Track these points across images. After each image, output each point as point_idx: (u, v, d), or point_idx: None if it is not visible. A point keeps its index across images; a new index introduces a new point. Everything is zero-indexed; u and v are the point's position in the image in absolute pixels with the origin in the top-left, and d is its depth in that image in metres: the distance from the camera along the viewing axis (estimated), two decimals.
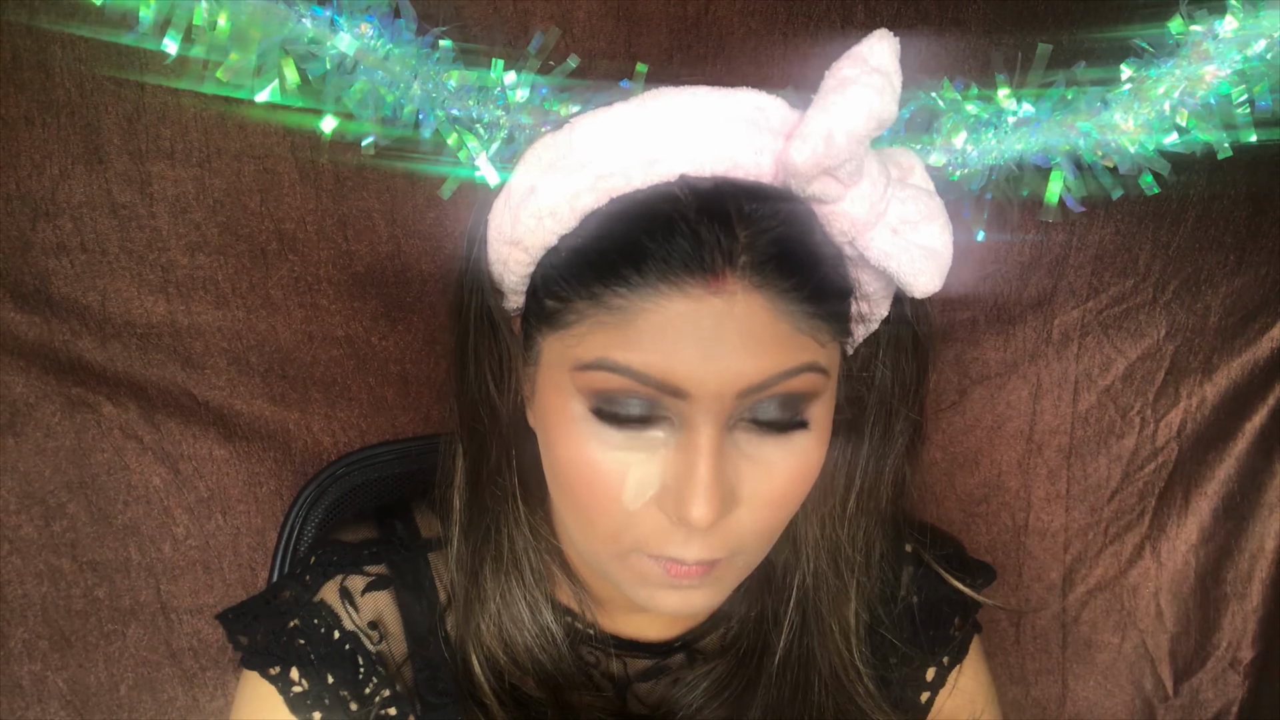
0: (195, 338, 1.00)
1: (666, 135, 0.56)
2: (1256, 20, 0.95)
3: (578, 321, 0.56)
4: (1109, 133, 1.00)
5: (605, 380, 0.55)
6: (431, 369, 1.07)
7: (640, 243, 0.54)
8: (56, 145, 0.92)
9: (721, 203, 0.54)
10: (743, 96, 0.58)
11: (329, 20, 0.84)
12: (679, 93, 0.57)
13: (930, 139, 1.01)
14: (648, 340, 0.54)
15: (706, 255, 0.53)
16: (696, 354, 0.54)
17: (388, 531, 0.74)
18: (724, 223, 0.54)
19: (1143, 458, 1.20)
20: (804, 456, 0.59)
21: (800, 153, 0.53)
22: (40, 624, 1.03)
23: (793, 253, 0.55)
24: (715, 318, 0.54)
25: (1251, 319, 1.16)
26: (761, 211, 0.55)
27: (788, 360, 0.55)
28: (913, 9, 1.01)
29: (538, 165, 0.58)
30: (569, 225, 0.57)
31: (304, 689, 0.67)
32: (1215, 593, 1.24)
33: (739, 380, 0.54)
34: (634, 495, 0.57)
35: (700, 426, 0.55)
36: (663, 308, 0.54)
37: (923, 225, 0.58)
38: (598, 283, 0.55)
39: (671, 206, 0.54)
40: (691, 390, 0.54)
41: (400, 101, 0.89)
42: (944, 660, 0.80)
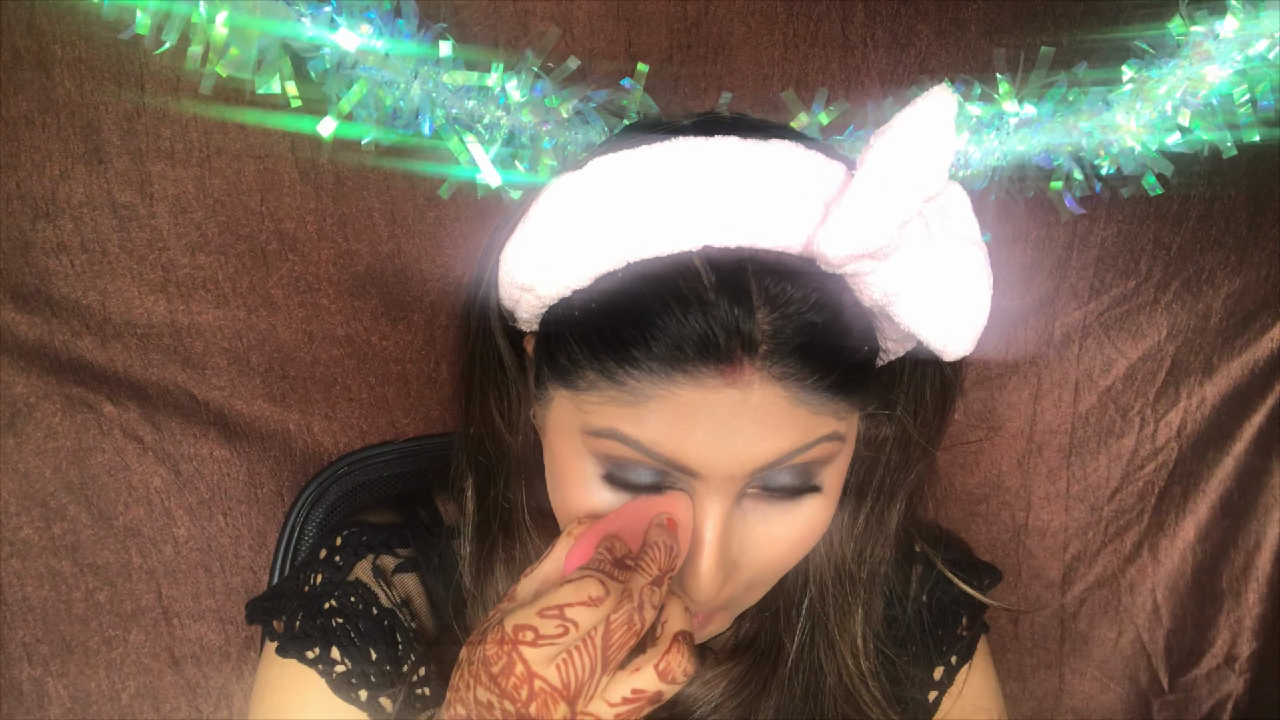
0: (196, 337, 1.00)
1: (689, 198, 0.52)
2: (1257, 20, 0.95)
3: (589, 389, 0.54)
4: (1111, 133, 1.00)
5: (616, 449, 0.54)
6: (432, 369, 1.07)
7: (653, 321, 0.51)
8: (57, 145, 0.92)
9: (743, 281, 0.51)
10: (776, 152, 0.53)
11: (329, 19, 0.84)
12: (706, 144, 0.53)
13: None
14: (658, 422, 0.52)
15: (723, 342, 0.50)
16: (709, 440, 0.52)
17: (411, 516, 0.74)
18: (744, 305, 0.50)
19: (1142, 457, 1.20)
20: (810, 521, 0.58)
21: (834, 247, 0.49)
22: (40, 628, 1.03)
23: (818, 341, 0.52)
24: (730, 407, 0.51)
25: (1252, 319, 1.16)
26: (788, 294, 0.51)
27: (805, 438, 0.53)
28: (912, 9, 1.01)
29: (554, 210, 0.55)
30: (583, 281, 0.54)
31: (347, 668, 0.66)
32: (1212, 590, 1.25)
33: (752, 462, 0.53)
34: None
35: (709, 505, 0.55)
36: (675, 394, 0.51)
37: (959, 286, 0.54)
38: (609, 358, 0.52)
39: (688, 282, 0.51)
40: (702, 472, 0.53)
41: (400, 101, 0.88)
42: (952, 660, 0.80)
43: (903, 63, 1.03)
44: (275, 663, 0.67)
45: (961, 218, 0.56)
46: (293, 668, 0.66)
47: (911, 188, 0.48)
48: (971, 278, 0.54)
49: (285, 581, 0.72)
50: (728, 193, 0.52)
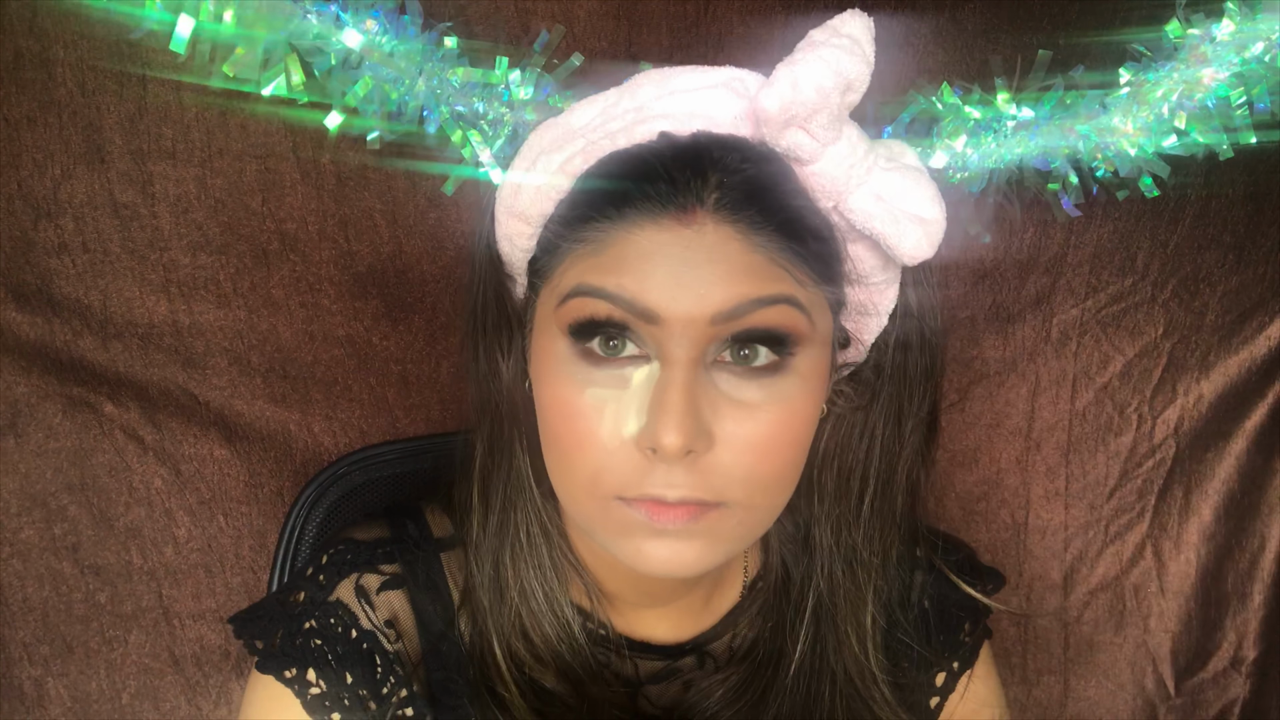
0: (196, 337, 1.00)
1: (649, 101, 0.62)
2: (1254, 23, 0.96)
3: (560, 261, 0.60)
4: (1108, 135, 1.00)
5: (582, 305, 0.58)
6: (432, 369, 1.07)
7: (620, 186, 0.58)
8: (58, 145, 0.92)
9: (696, 150, 0.59)
10: (721, 70, 0.63)
11: (334, 16, 0.84)
12: (662, 69, 0.64)
13: (930, 142, 1.01)
14: (622, 265, 0.57)
15: (679, 194, 0.57)
16: (668, 278, 0.56)
17: (399, 530, 0.74)
18: (696, 166, 0.58)
19: (1140, 454, 1.21)
20: (787, 403, 0.59)
21: (768, 98, 0.56)
22: (41, 628, 1.02)
23: (763, 190, 0.59)
24: (686, 247, 0.57)
25: (1249, 317, 1.16)
26: (733, 157, 0.59)
27: (760, 288, 0.57)
28: (910, 10, 1.02)
29: (539, 144, 0.64)
30: (564, 189, 0.61)
31: (321, 690, 0.66)
32: (1216, 592, 1.25)
33: (709, 306, 0.56)
34: (610, 431, 0.58)
35: (674, 356, 0.56)
36: (636, 236, 0.57)
37: (910, 194, 0.60)
38: (580, 221, 0.59)
39: (651, 156, 0.59)
40: (663, 314, 0.56)
41: (405, 98, 0.89)
42: (954, 665, 0.81)
43: (900, 64, 1.03)
44: (258, 679, 0.68)
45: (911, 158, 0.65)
46: (271, 685, 0.67)
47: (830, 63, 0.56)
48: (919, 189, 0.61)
49: (271, 597, 0.73)
50: (682, 93, 0.62)
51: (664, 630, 0.75)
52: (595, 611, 0.72)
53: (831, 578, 0.72)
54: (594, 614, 0.72)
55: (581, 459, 0.59)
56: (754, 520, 0.62)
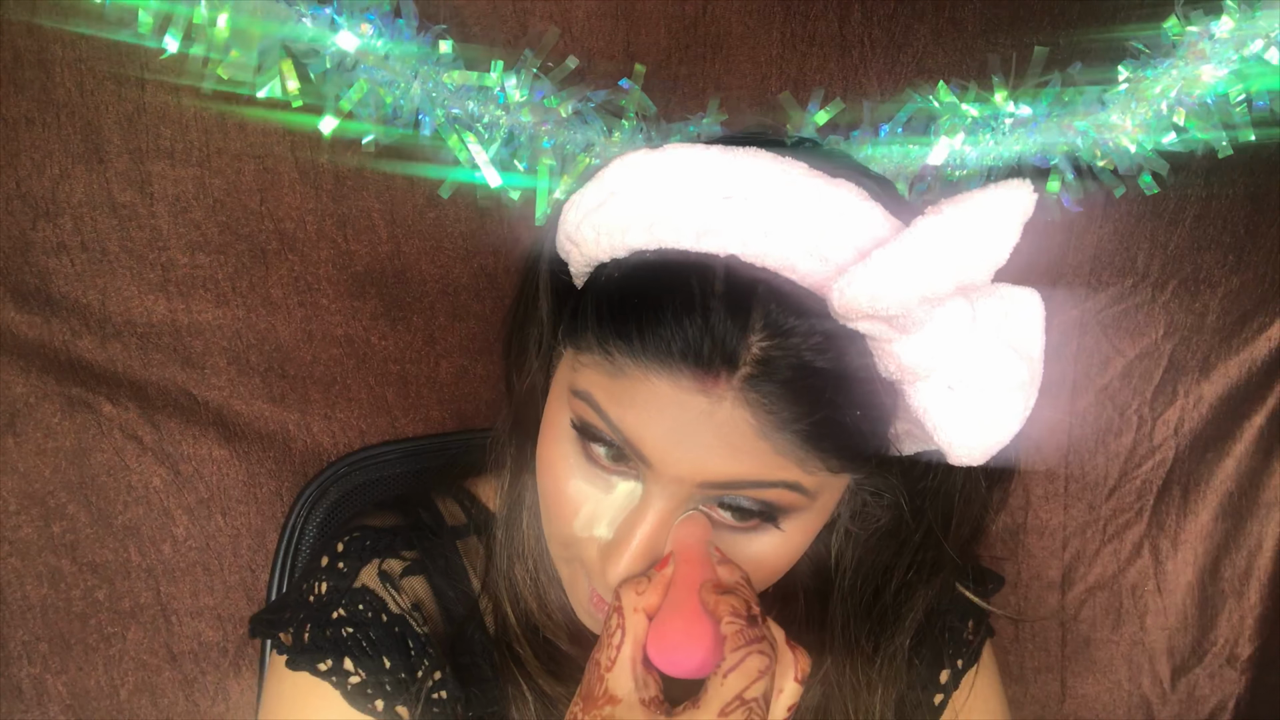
0: (195, 337, 1.00)
1: (735, 205, 0.51)
2: (1253, 20, 0.95)
3: (585, 350, 0.56)
4: (1107, 132, 1.00)
5: (588, 414, 0.56)
6: (431, 369, 1.07)
7: (655, 307, 0.52)
8: (57, 145, 0.92)
9: (749, 298, 0.51)
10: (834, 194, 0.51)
11: (329, 19, 0.84)
12: (774, 163, 0.52)
13: (928, 140, 1.01)
14: (629, 402, 0.53)
15: (706, 351, 0.50)
16: (668, 436, 0.52)
17: (414, 518, 0.73)
18: (739, 320, 0.50)
19: (1140, 455, 1.20)
20: (761, 559, 0.58)
21: (840, 297, 0.48)
22: (40, 626, 1.02)
23: (804, 383, 0.51)
24: (697, 413, 0.51)
25: (1249, 318, 1.16)
26: (790, 325, 0.51)
27: (762, 473, 0.53)
28: (909, 9, 1.02)
29: (619, 178, 0.56)
30: (619, 252, 0.56)
31: (362, 678, 0.65)
32: (1213, 590, 1.25)
33: (701, 474, 0.53)
34: (582, 525, 0.58)
35: (654, 497, 0.55)
36: (650, 382, 0.52)
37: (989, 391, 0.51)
38: (608, 330, 0.54)
39: (702, 283, 0.51)
40: (654, 465, 0.54)
41: (400, 101, 0.89)
42: (958, 664, 0.80)
43: (900, 63, 1.03)
44: (286, 676, 0.66)
45: (1023, 328, 0.54)
46: (305, 680, 0.65)
47: (948, 268, 0.46)
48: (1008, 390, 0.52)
49: (289, 592, 0.72)
50: (771, 212, 0.51)
51: None
52: None
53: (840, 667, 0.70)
54: None
55: (555, 527, 0.60)
56: None
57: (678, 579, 0.53)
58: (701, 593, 0.52)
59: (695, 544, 0.55)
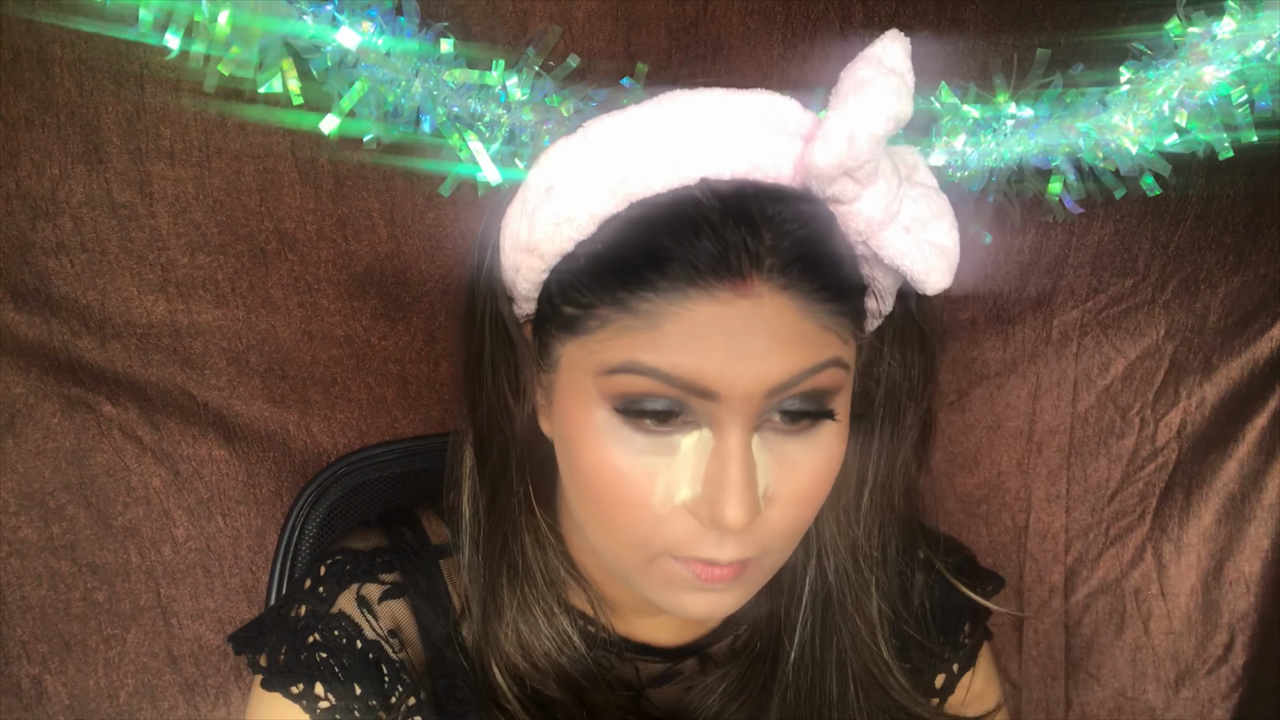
0: (195, 337, 1.00)
1: (685, 138, 0.55)
2: (1255, 22, 0.95)
3: (600, 327, 0.55)
4: (1108, 133, 1.00)
5: (633, 383, 0.55)
6: (431, 369, 1.07)
7: (664, 246, 0.53)
8: (56, 145, 0.92)
9: (745, 205, 0.54)
10: (759, 99, 0.57)
11: (330, 17, 0.84)
12: (695, 95, 0.57)
13: (930, 141, 1.01)
14: (676, 343, 0.53)
15: (733, 259, 0.53)
16: (725, 356, 0.53)
17: (396, 539, 0.73)
18: (749, 225, 0.53)
19: (1143, 458, 1.20)
20: (827, 452, 0.59)
21: (823, 155, 0.53)
22: (39, 627, 1.02)
23: (816, 253, 0.55)
24: (743, 320, 0.53)
25: (1251, 319, 1.16)
26: (784, 213, 0.54)
27: (814, 357, 0.55)
28: (910, 9, 1.02)
29: (553, 170, 0.57)
30: (587, 231, 0.56)
31: (331, 704, 0.65)
32: (1216, 593, 1.24)
33: (767, 380, 0.54)
34: (663, 499, 0.56)
35: (729, 428, 0.55)
36: (690, 310, 0.53)
37: (933, 223, 0.59)
38: (621, 288, 0.54)
39: (694, 210, 0.54)
40: (721, 391, 0.54)
41: (401, 99, 0.89)
42: (954, 667, 0.80)
43: None
44: (263, 697, 0.67)
45: (921, 170, 0.62)
46: (278, 701, 0.66)
47: (882, 108, 0.52)
48: (942, 217, 0.59)
49: (269, 612, 0.72)
50: (720, 130, 0.55)
51: (666, 634, 0.74)
52: (597, 616, 0.72)
53: (838, 570, 0.71)
54: (595, 619, 0.72)
55: (629, 522, 0.58)
56: (783, 559, 0.64)
57: None
58: None
59: None
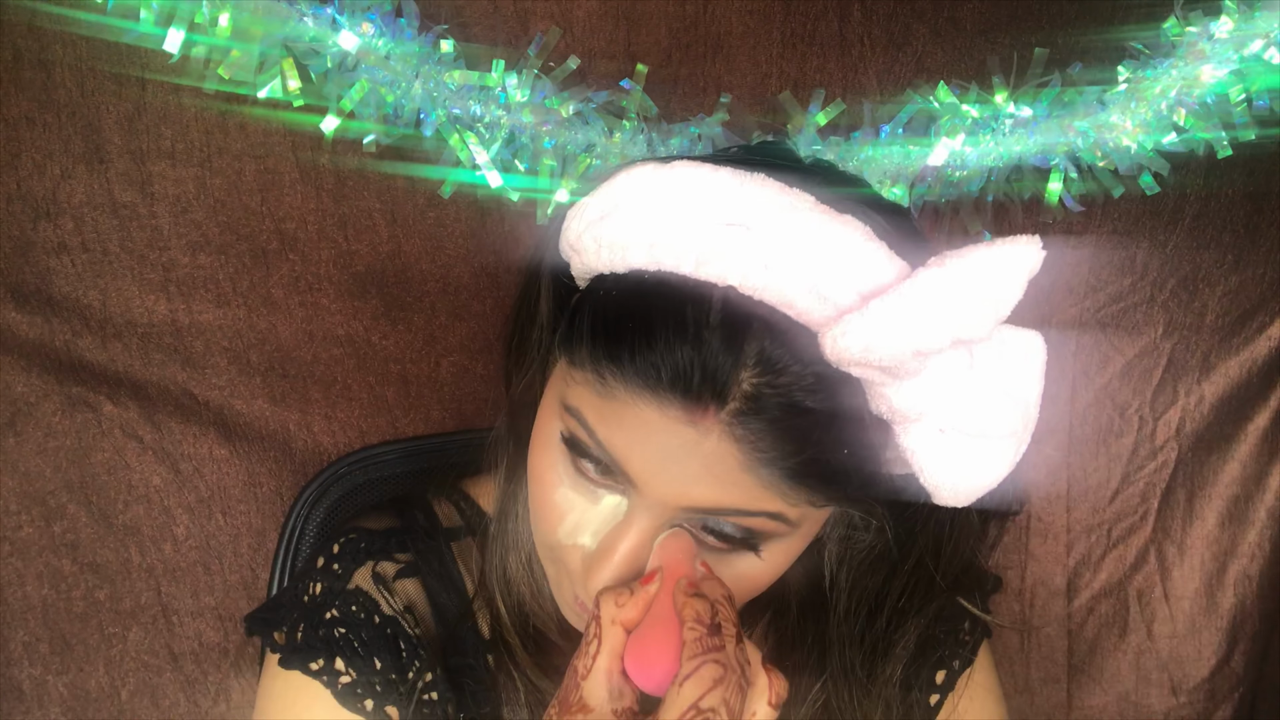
0: (196, 337, 1.00)
1: (737, 235, 0.50)
2: (1252, 21, 0.95)
3: (579, 367, 0.56)
4: (1107, 132, 1.00)
5: (577, 430, 0.56)
6: (432, 369, 1.07)
7: (649, 333, 0.51)
8: (57, 145, 0.92)
9: (744, 331, 0.50)
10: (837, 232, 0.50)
11: (330, 19, 0.84)
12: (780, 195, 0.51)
13: (928, 141, 1.01)
14: (616, 424, 0.53)
15: (696, 382, 0.50)
16: (654, 461, 0.53)
17: (409, 521, 0.74)
18: (732, 354, 0.50)
19: (1142, 457, 1.20)
20: (739, 579, 0.58)
21: (832, 345, 0.48)
22: (40, 626, 1.02)
23: (793, 423, 0.51)
24: (681, 441, 0.52)
25: (1249, 318, 1.16)
26: (784, 363, 0.50)
27: (746, 503, 0.54)
28: (909, 9, 1.02)
29: (625, 190, 0.55)
30: (619, 267, 0.55)
31: (353, 678, 0.66)
32: (1219, 595, 1.23)
33: (685, 499, 0.54)
34: (567, 533, 0.59)
35: (638, 514, 0.56)
36: (638, 408, 0.52)
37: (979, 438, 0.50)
38: (601, 350, 0.53)
39: (698, 312, 0.51)
40: (639, 487, 0.55)
41: (401, 101, 0.89)
42: (954, 664, 0.80)
43: (899, 62, 1.03)
44: (279, 675, 0.67)
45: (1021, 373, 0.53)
46: (296, 679, 0.66)
47: (946, 323, 0.46)
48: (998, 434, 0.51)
49: (284, 592, 0.72)
50: (773, 246, 0.50)
51: None
52: None
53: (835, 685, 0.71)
54: None
55: (541, 529, 0.61)
56: None
57: (661, 595, 0.53)
58: (675, 592, 0.52)
59: (682, 558, 0.55)
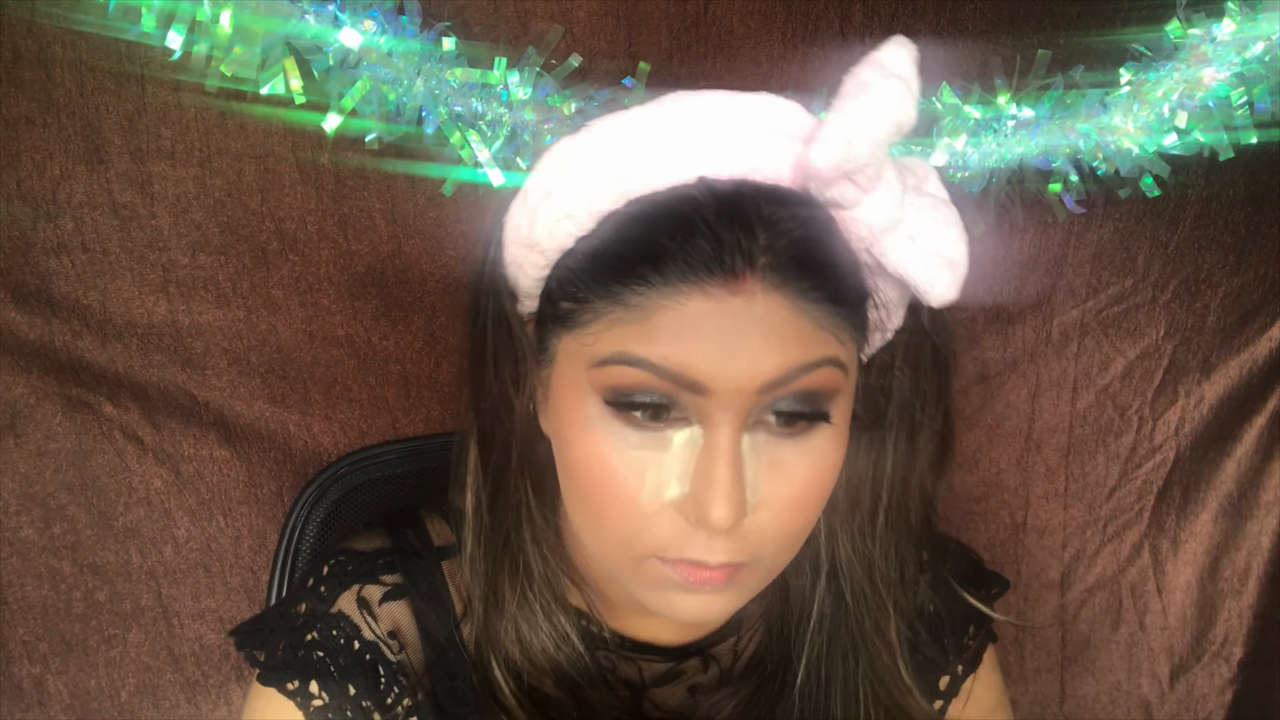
0: (196, 338, 1.00)
1: (684, 138, 0.55)
2: (1254, 23, 0.96)
3: (594, 319, 0.56)
4: (1108, 135, 1.00)
5: (623, 375, 0.55)
6: (432, 369, 1.07)
7: (660, 243, 0.53)
8: (57, 145, 0.92)
9: (741, 205, 0.54)
10: (761, 101, 0.57)
11: (332, 16, 0.84)
12: (696, 96, 0.57)
13: (930, 142, 1.01)
14: (667, 335, 0.53)
15: (727, 257, 0.53)
16: (716, 350, 0.53)
17: (399, 540, 0.73)
18: (744, 224, 0.54)
19: (1140, 456, 1.21)
20: (821, 457, 0.58)
21: (822, 156, 0.53)
22: (40, 627, 1.02)
23: (812, 254, 0.55)
24: (735, 316, 0.53)
25: (1250, 319, 1.16)
26: (780, 214, 0.55)
27: (808, 354, 0.55)
28: (910, 10, 1.02)
29: (555, 168, 0.58)
30: (586, 228, 0.57)
31: (325, 702, 0.66)
32: (1212, 590, 1.25)
33: (759, 376, 0.54)
34: (651, 496, 0.56)
35: (719, 425, 0.55)
36: (682, 305, 0.53)
37: (940, 233, 0.58)
38: (616, 282, 0.54)
39: (691, 208, 0.54)
40: (711, 386, 0.54)
41: (403, 99, 0.89)
42: (958, 669, 0.80)
43: None
44: (260, 690, 0.68)
45: (931, 181, 0.61)
46: (274, 697, 0.67)
47: (884, 112, 0.51)
48: (949, 227, 0.58)
49: (272, 609, 0.72)
50: (720, 130, 0.56)
51: (668, 634, 0.74)
52: (597, 615, 0.72)
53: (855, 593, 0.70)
54: (595, 619, 0.72)
55: (617, 519, 0.58)
56: (779, 567, 0.63)
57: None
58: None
59: None
